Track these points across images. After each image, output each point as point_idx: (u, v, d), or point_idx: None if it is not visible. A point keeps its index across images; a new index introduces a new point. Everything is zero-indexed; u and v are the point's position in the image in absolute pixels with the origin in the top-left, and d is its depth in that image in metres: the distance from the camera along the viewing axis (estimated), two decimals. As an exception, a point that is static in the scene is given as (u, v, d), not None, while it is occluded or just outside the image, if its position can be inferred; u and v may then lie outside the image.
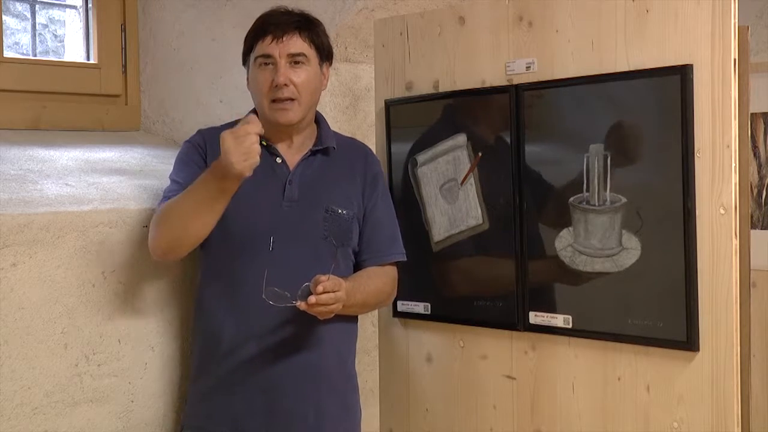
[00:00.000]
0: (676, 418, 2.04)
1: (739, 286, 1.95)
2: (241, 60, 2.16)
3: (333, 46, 2.22)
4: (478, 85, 2.37)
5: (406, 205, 2.44)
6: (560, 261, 2.20)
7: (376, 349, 2.66)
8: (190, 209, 1.96)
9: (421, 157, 2.47)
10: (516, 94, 2.27)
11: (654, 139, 2.04)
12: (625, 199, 2.08)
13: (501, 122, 2.30)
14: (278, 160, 2.12)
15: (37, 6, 2.86)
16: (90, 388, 2.15)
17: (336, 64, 2.34)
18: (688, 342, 1.99)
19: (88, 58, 2.84)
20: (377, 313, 2.61)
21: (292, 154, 2.14)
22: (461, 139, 2.40)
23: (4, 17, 2.68)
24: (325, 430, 2.12)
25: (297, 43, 2.07)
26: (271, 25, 2.08)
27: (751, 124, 2.96)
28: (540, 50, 2.25)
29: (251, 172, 1.89)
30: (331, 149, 2.17)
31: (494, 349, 2.38)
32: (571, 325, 2.20)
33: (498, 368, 2.37)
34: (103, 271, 2.17)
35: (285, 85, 2.05)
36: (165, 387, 2.30)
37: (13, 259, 2.01)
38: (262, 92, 2.08)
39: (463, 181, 2.39)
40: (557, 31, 2.21)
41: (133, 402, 2.23)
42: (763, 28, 3.60)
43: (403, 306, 2.51)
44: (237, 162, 1.85)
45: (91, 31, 2.83)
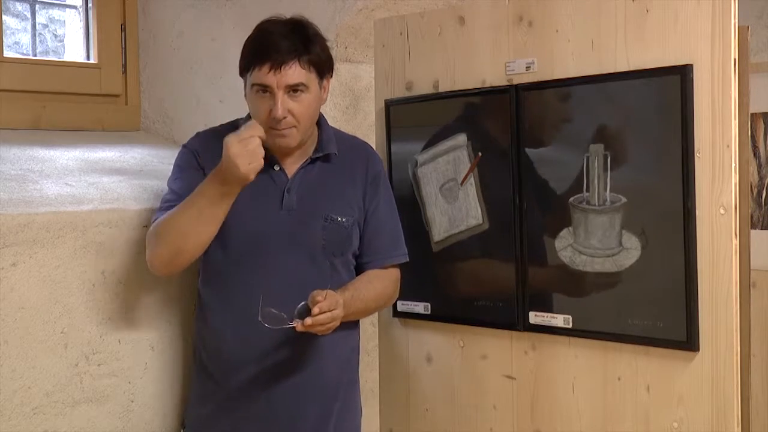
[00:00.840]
0: (676, 418, 2.04)
1: (739, 286, 1.95)
2: (239, 71, 2.08)
3: (333, 47, 2.19)
4: (478, 85, 2.37)
5: (406, 205, 2.44)
6: (560, 261, 2.20)
7: (376, 349, 2.66)
8: (190, 218, 1.94)
9: (421, 157, 2.48)
10: (516, 94, 2.27)
11: (654, 139, 2.04)
12: (625, 199, 2.08)
13: (501, 122, 2.30)
14: (276, 168, 2.08)
15: (37, 6, 2.86)
16: (90, 388, 2.15)
17: (336, 64, 2.33)
18: (688, 342, 1.99)
19: (88, 58, 2.85)
20: (377, 312, 2.61)
21: (290, 162, 2.10)
22: (461, 139, 2.40)
23: (4, 17, 2.68)
24: (327, 430, 2.11)
25: (296, 73, 1.98)
26: (271, 52, 1.97)
27: (751, 124, 2.96)
28: (540, 50, 2.25)
29: (254, 176, 1.87)
30: (332, 155, 2.13)
31: (494, 349, 2.38)
32: (571, 325, 2.20)
33: (498, 368, 2.37)
34: (103, 271, 2.17)
35: (284, 117, 1.99)
36: (165, 387, 2.30)
37: (13, 259, 2.01)
38: (261, 120, 2.00)
39: (463, 181, 2.39)
40: (557, 31, 2.21)
41: (133, 402, 2.23)
42: (763, 28, 3.60)
43: (403, 306, 2.51)
44: (242, 164, 1.84)
45: (91, 31, 2.83)
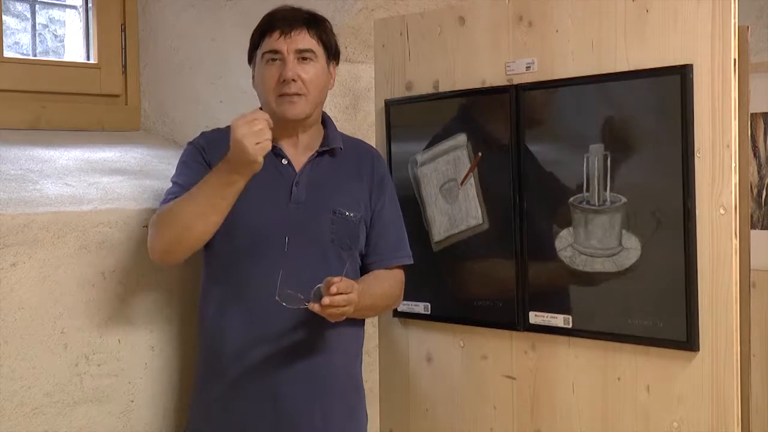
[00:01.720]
0: (676, 418, 2.04)
1: (739, 286, 1.95)
2: (247, 58, 2.13)
3: None
4: (478, 85, 2.37)
5: (406, 205, 2.43)
6: (560, 261, 2.20)
7: (376, 349, 2.66)
8: (196, 207, 1.93)
9: (421, 157, 2.48)
10: (516, 94, 2.27)
11: (654, 139, 2.04)
12: (625, 199, 2.08)
13: (501, 122, 2.30)
14: (284, 161, 2.09)
15: (37, 6, 2.86)
16: (90, 388, 2.15)
17: (336, 63, 2.34)
18: (688, 342, 1.99)
19: (88, 58, 2.85)
20: (377, 313, 2.62)
21: (298, 155, 2.11)
22: (461, 139, 2.40)
23: (4, 17, 2.68)
24: (333, 429, 2.10)
25: (305, 39, 2.05)
26: (279, 20, 2.05)
27: (751, 124, 2.96)
28: (540, 50, 2.25)
29: (262, 160, 1.85)
30: (338, 150, 2.14)
31: (494, 349, 2.38)
32: (571, 325, 2.20)
33: (498, 368, 2.37)
34: (103, 271, 2.17)
35: (293, 80, 2.02)
36: (165, 387, 2.30)
37: (13, 259, 2.01)
38: (270, 88, 2.04)
39: (463, 181, 2.39)
40: (557, 31, 2.21)
41: (133, 402, 2.23)
42: (763, 28, 3.60)
43: (403, 306, 2.51)
44: (249, 144, 1.82)
45: (91, 31, 2.83)
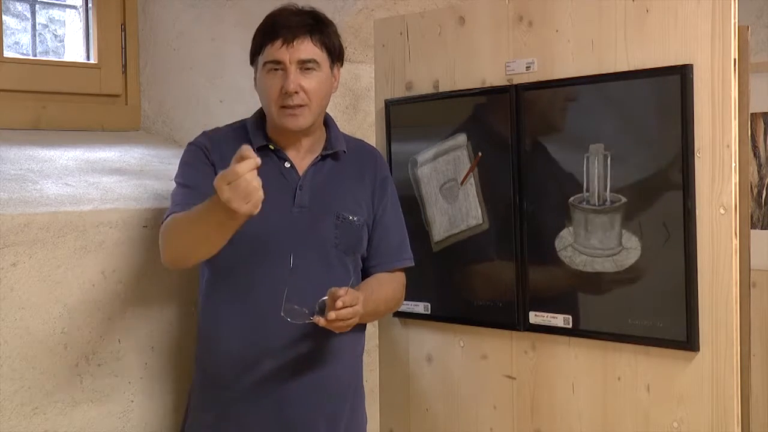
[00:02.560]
0: (676, 418, 2.04)
1: (739, 286, 1.95)
2: (249, 59, 2.09)
3: None
4: (478, 85, 2.37)
5: (406, 205, 2.44)
6: (560, 261, 2.20)
7: (376, 349, 2.66)
8: (198, 233, 1.88)
9: (421, 157, 2.48)
10: (516, 94, 2.27)
11: (654, 139, 2.04)
12: (625, 199, 2.08)
13: (501, 122, 2.30)
14: (287, 165, 2.07)
15: (37, 6, 2.86)
16: (90, 388, 2.15)
17: (337, 64, 2.34)
18: (688, 342, 1.99)
19: (88, 58, 2.85)
20: (377, 313, 2.61)
21: (300, 158, 2.09)
22: (461, 139, 2.40)
23: (4, 17, 2.68)
24: None
25: (308, 49, 2.00)
26: (282, 28, 1.99)
27: (751, 124, 2.96)
28: (540, 50, 2.25)
29: (259, 208, 1.74)
30: (341, 153, 2.13)
31: (494, 349, 2.38)
32: (571, 325, 2.20)
33: (498, 368, 2.37)
34: (103, 271, 2.17)
35: (295, 93, 1.98)
36: (165, 387, 2.30)
37: (13, 259, 2.01)
38: (271, 99, 2.01)
39: (463, 181, 2.39)
40: (557, 31, 2.21)
41: (133, 402, 2.23)
42: (763, 28, 3.60)
43: (403, 306, 2.49)
44: (239, 207, 1.69)
45: (91, 31, 2.83)
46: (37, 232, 2.05)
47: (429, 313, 2.49)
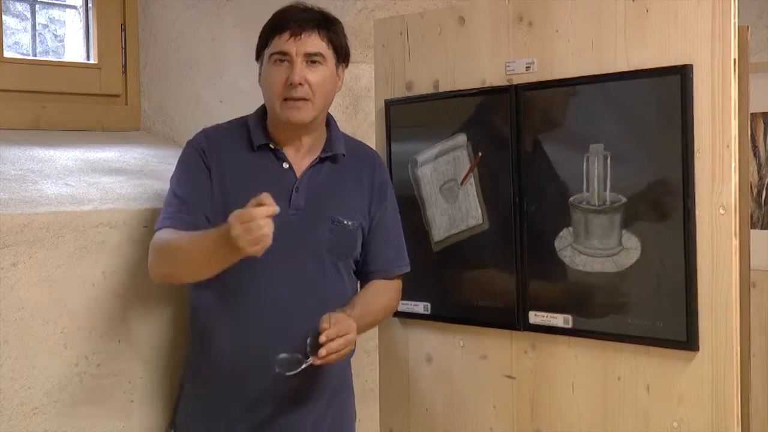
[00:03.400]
0: (676, 418, 2.04)
1: (739, 286, 1.95)
2: (255, 55, 2.09)
3: None
4: (478, 85, 2.37)
5: (406, 205, 2.44)
6: (560, 261, 2.20)
7: (376, 349, 2.66)
8: (197, 258, 1.88)
9: (421, 157, 2.48)
10: (516, 94, 2.27)
11: (654, 139, 2.04)
12: (625, 199, 2.08)
13: (501, 122, 2.30)
14: (285, 166, 2.06)
15: (37, 6, 2.86)
16: (90, 388, 2.15)
17: (337, 63, 2.34)
18: (688, 342, 1.99)
19: (88, 58, 2.85)
20: (377, 312, 2.61)
21: (299, 159, 2.08)
22: (461, 139, 2.40)
23: (4, 17, 2.68)
24: None
25: (315, 42, 2.00)
26: (290, 21, 2.00)
27: (751, 124, 2.96)
28: (540, 50, 2.25)
29: (262, 252, 1.76)
30: (340, 156, 2.12)
31: (494, 349, 2.38)
32: (571, 325, 2.20)
33: (498, 368, 2.37)
34: (103, 271, 2.17)
35: (300, 84, 1.98)
36: (165, 387, 2.30)
37: (13, 259, 2.01)
38: (276, 91, 2.00)
39: (463, 181, 2.39)
40: (557, 31, 2.21)
41: (133, 402, 2.23)
42: (763, 28, 3.60)
43: (403, 306, 2.50)
44: (245, 246, 1.72)
45: (91, 31, 2.84)
46: (37, 232, 2.05)
47: (429, 312, 2.49)
